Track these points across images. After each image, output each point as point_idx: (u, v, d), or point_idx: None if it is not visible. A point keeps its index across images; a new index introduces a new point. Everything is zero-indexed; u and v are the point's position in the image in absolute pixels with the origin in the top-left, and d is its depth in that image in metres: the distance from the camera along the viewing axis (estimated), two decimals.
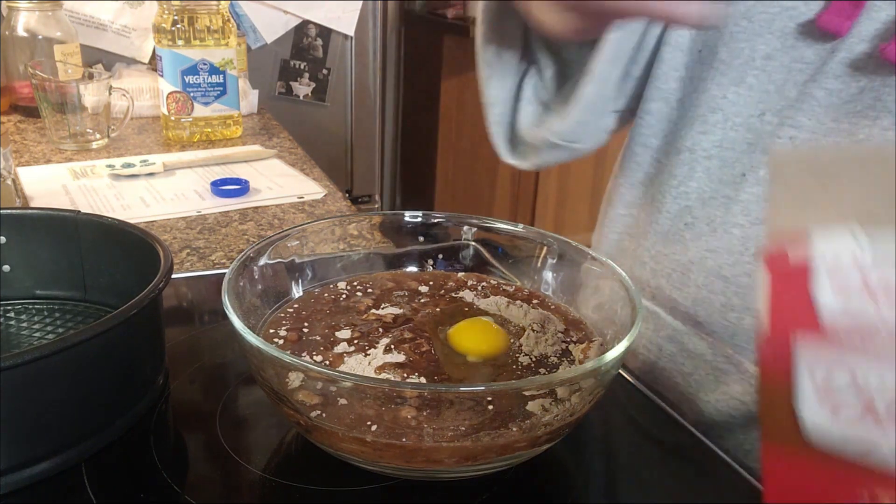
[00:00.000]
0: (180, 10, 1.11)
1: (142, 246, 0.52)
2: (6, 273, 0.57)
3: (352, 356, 0.45)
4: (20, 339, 0.55)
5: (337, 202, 0.94)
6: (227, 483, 0.42)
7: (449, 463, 0.39)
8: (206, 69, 1.15)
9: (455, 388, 0.40)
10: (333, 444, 0.40)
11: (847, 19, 0.46)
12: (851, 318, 0.24)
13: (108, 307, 0.58)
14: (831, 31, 0.47)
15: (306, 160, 1.11)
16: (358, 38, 1.78)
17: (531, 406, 0.40)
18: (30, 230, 0.57)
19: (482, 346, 0.47)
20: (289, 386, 0.40)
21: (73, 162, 1.04)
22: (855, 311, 0.24)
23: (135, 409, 0.46)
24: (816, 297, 0.25)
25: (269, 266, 0.52)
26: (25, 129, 1.19)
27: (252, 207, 0.90)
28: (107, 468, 0.43)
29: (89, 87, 1.11)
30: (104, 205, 0.88)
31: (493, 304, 0.54)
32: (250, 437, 0.46)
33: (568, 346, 0.49)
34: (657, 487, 0.45)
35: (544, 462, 0.45)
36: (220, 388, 0.51)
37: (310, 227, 0.55)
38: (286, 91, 1.76)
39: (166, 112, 1.16)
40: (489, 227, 0.58)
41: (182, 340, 0.57)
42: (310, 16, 1.70)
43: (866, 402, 0.24)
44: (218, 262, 0.75)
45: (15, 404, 0.39)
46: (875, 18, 0.46)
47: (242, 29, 1.61)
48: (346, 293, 0.54)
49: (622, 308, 0.47)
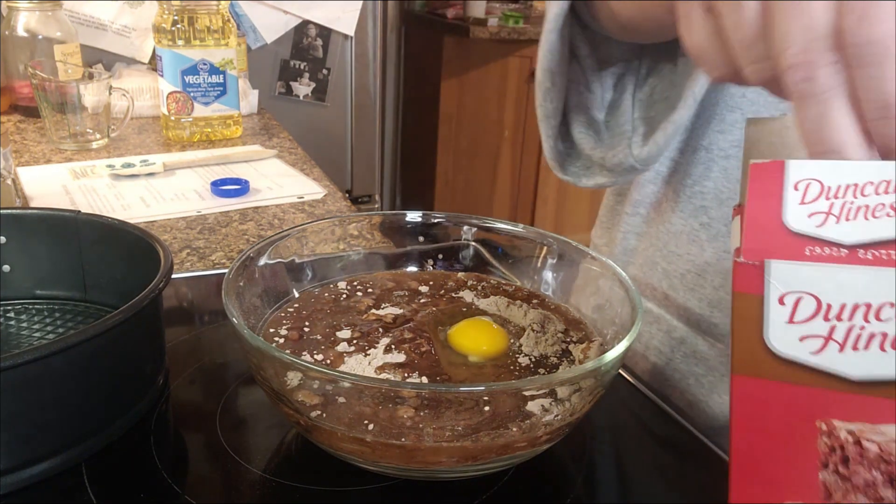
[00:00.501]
0: (180, 10, 1.11)
1: (142, 246, 0.52)
2: (6, 273, 0.57)
3: (352, 356, 0.45)
4: (20, 339, 0.55)
5: (337, 202, 0.94)
6: (227, 483, 0.42)
7: (449, 463, 0.39)
8: (206, 69, 1.15)
9: (455, 388, 0.40)
10: (333, 444, 0.40)
11: None
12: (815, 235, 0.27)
13: (108, 307, 0.58)
14: None
15: (306, 160, 1.11)
16: (358, 38, 1.77)
17: (531, 406, 0.40)
18: (30, 230, 0.57)
19: (482, 346, 0.47)
20: (288, 386, 0.40)
21: (73, 162, 1.05)
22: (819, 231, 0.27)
23: (135, 409, 0.46)
24: (786, 217, 0.27)
25: (269, 266, 0.52)
26: (25, 129, 1.19)
27: (252, 207, 0.90)
28: (107, 468, 0.43)
29: (89, 87, 1.11)
30: (104, 205, 0.88)
31: (493, 304, 0.54)
32: (250, 437, 0.46)
33: (568, 346, 0.49)
34: (657, 487, 0.45)
35: (544, 462, 0.45)
36: (221, 388, 0.51)
37: (310, 227, 0.55)
38: (286, 91, 1.76)
39: (166, 112, 1.16)
40: (489, 227, 0.58)
41: (182, 340, 0.57)
42: (310, 16, 1.70)
43: (829, 330, 0.27)
44: (218, 262, 0.75)
45: (15, 404, 0.39)
46: None
47: (242, 29, 1.61)
48: (347, 293, 0.54)
49: (622, 308, 0.47)
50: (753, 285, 0.28)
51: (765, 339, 0.28)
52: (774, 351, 0.28)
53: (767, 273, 0.27)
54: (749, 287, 0.28)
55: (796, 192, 0.27)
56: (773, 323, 0.28)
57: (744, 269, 0.28)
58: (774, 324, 0.28)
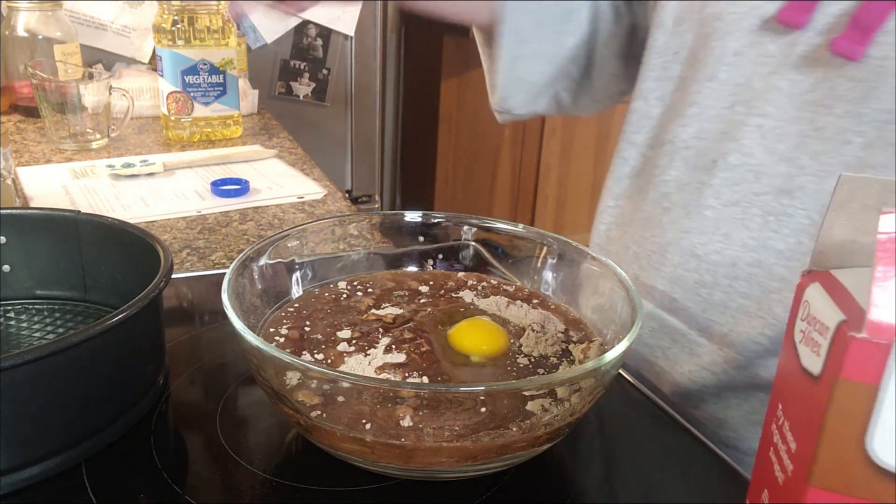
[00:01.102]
0: (180, 10, 1.11)
1: (142, 246, 0.52)
2: (6, 273, 0.57)
3: (352, 356, 0.45)
4: (20, 339, 0.55)
5: (337, 202, 0.94)
6: (227, 483, 0.42)
7: (449, 463, 0.39)
8: (206, 69, 1.15)
9: (455, 388, 0.40)
10: (333, 444, 0.40)
11: (805, 13, 0.51)
12: None
13: (108, 307, 0.58)
14: (791, 24, 0.52)
15: (306, 160, 1.11)
16: (358, 38, 1.77)
17: (531, 406, 0.40)
18: (30, 230, 0.56)
19: (482, 346, 0.47)
20: (288, 386, 0.40)
21: (73, 162, 1.04)
22: None
23: (135, 409, 0.46)
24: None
25: (269, 266, 0.52)
26: (25, 129, 1.19)
27: (252, 207, 0.90)
28: (107, 468, 0.43)
29: (89, 87, 1.11)
30: (104, 205, 0.88)
31: (493, 304, 0.54)
32: (250, 437, 0.46)
33: (568, 346, 0.49)
34: (657, 487, 0.45)
35: (544, 462, 0.45)
36: (221, 388, 0.51)
37: (310, 227, 0.55)
38: (286, 91, 1.76)
39: (166, 112, 1.16)
40: (489, 227, 0.58)
41: (182, 340, 0.57)
42: (310, 16, 1.70)
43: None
44: (218, 262, 0.75)
45: (15, 404, 0.39)
46: (827, 12, 0.50)
47: (242, 29, 1.61)
48: (347, 293, 0.54)
49: (622, 308, 0.47)
50: (868, 370, 0.21)
51: (865, 444, 0.21)
52: (876, 460, 0.21)
53: (895, 357, 0.21)
54: (860, 372, 0.21)
55: None
56: (884, 423, 0.21)
57: (862, 349, 0.21)
58: (885, 424, 0.21)
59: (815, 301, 0.24)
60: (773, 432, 0.27)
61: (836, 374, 0.22)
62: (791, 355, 0.26)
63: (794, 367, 0.25)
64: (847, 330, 0.21)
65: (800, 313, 0.25)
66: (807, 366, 0.24)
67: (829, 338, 0.22)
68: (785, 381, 0.26)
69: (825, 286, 0.24)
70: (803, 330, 0.25)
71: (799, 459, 0.23)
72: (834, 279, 0.24)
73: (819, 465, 0.22)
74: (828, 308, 0.23)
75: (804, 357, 0.24)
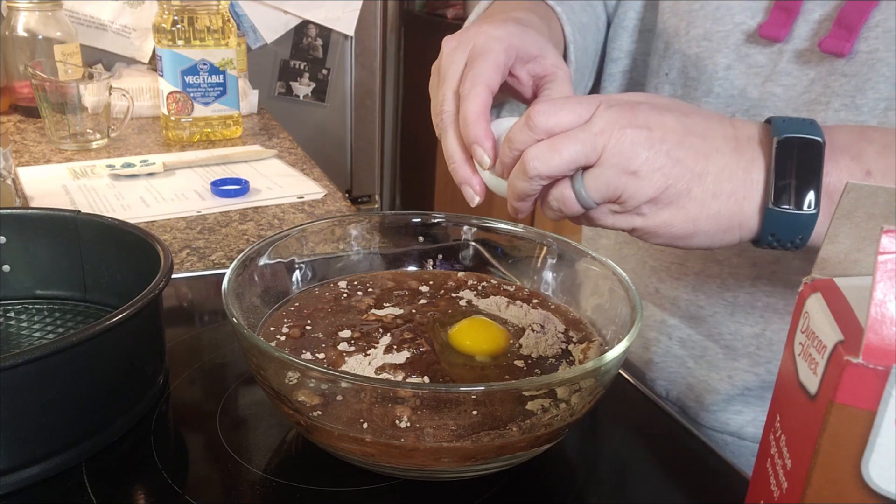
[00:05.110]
0: (180, 10, 1.11)
1: (142, 246, 0.52)
2: (6, 273, 0.57)
3: (352, 356, 0.45)
4: (20, 339, 0.55)
5: (337, 202, 0.94)
6: (227, 483, 0.42)
7: (449, 463, 0.39)
8: (206, 69, 1.15)
9: (454, 388, 0.40)
10: (333, 444, 0.40)
11: (783, 27, 0.53)
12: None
13: (108, 307, 0.58)
14: (771, 38, 0.54)
15: (306, 160, 1.11)
16: (358, 38, 1.77)
17: (531, 406, 0.40)
18: (30, 230, 0.56)
19: (483, 346, 0.47)
20: (288, 385, 0.40)
21: (73, 162, 1.04)
22: None
23: (135, 409, 0.46)
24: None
25: (269, 266, 0.52)
26: (25, 129, 1.19)
27: (252, 207, 0.90)
28: (107, 468, 0.43)
29: (89, 87, 1.11)
30: (104, 205, 0.88)
31: (493, 304, 0.54)
32: (250, 437, 0.46)
33: (568, 346, 0.49)
34: (657, 487, 0.45)
35: (544, 462, 0.45)
36: (221, 388, 0.51)
37: (310, 227, 0.55)
38: (286, 91, 1.76)
39: (166, 112, 1.16)
40: (489, 227, 0.58)
41: (182, 340, 0.57)
42: (310, 16, 1.70)
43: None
44: (218, 262, 0.75)
45: (15, 404, 0.39)
46: (809, 20, 0.53)
47: (242, 29, 1.61)
48: (347, 293, 0.54)
49: (622, 308, 0.47)
50: (865, 396, 0.21)
51: (861, 469, 0.21)
52: (873, 486, 0.21)
53: (893, 384, 0.20)
54: (858, 398, 0.21)
55: None
56: (881, 449, 0.21)
57: (858, 374, 0.21)
58: (881, 450, 0.21)
59: (814, 314, 0.24)
60: (771, 443, 0.27)
61: (831, 398, 0.21)
62: (790, 366, 0.25)
63: (793, 381, 0.24)
64: (844, 353, 0.21)
65: (800, 324, 0.25)
66: (804, 382, 0.23)
67: (826, 358, 0.22)
68: (783, 393, 0.26)
69: (826, 297, 0.24)
70: (802, 343, 0.24)
71: (793, 478, 0.23)
72: (836, 289, 0.24)
73: (812, 487, 0.22)
74: (826, 324, 0.23)
75: (802, 372, 0.24)
